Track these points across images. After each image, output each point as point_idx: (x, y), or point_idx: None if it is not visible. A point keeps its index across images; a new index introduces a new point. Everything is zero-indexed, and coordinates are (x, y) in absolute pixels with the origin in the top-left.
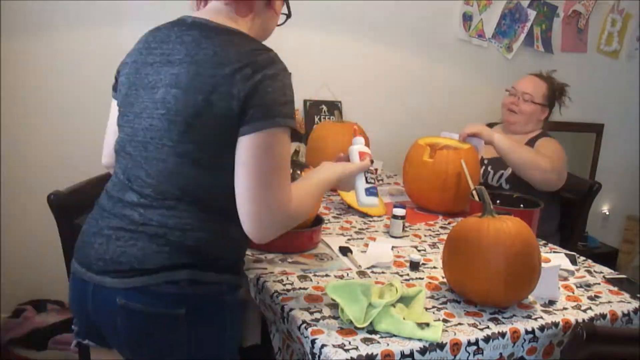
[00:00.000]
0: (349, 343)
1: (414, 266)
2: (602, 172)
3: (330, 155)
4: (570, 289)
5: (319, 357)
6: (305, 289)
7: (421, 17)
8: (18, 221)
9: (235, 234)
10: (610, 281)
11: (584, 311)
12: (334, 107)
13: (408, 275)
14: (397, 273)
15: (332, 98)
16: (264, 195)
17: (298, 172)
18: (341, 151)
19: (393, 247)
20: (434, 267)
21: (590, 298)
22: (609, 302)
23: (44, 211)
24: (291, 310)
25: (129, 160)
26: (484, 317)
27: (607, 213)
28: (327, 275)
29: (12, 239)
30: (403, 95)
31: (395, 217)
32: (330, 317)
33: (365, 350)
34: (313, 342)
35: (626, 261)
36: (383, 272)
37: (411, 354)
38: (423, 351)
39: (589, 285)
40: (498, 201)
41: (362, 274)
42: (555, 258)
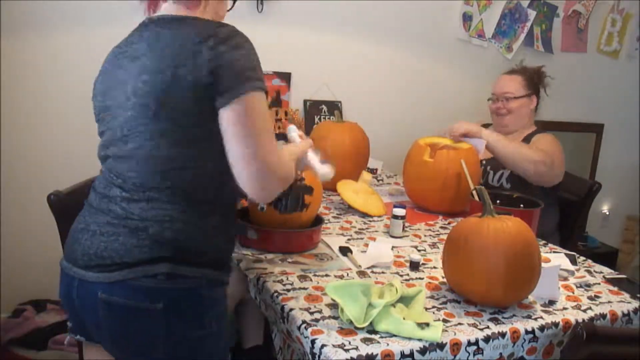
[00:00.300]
0: (349, 343)
1: (414, 266)
2: (602, 172)
3: (330, 155)
4: (570, 289)
5: (319, 357)
6: (305, 289)
7: (421, 17)
8: (18, 221)
9: (215, 225)
10: (610, 281)
11: (584, 311)
12: (334, 107)
13: (408, 275)
14: (397, 273)
15: (332, 98)
16: (259, 154)
17: (298, 172)
18: (342, 151)
19: (393, 247)
20: (434, 267)
21: (590, 298)
22: (609, 302)
23: (44, 211)
24: (291, 310)
25: (112, 159)
26: (484, 317)
27: (607, 213)
28: (327, 275)
29: (12, 239)
30: (403, 95)
31: (395, 217)
32: (330, 317)
33: (365, 350)
34: (313, 342)
35: (626, 261)
36: (383, 272)
37: (411, 354)
38: (423, 351)
39: (589, 285)
40: (498, 201)
41: (362, 274)
42: (555, 258)
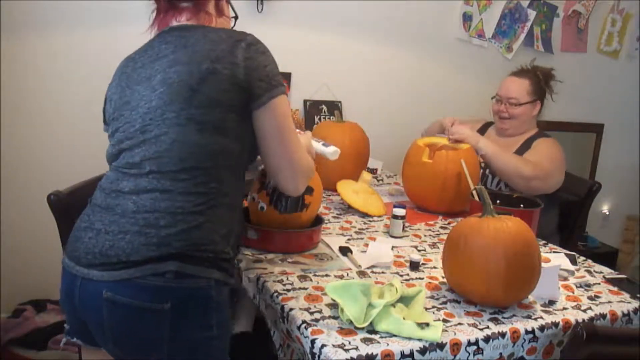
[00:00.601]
0: (349, 343)
1: (414, 266)
2: (602, 172)
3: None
4: (570, 289)
5: (319, 357)
6: (305, 289)
7: (421, 17)
8: (18, 221)
9: (224, 219)
10: (610, 281)
11: (584, 311)
12: (334, 107)
13: (408, 275)
14: (397, 273)
15: (332, 98)
16: (292, 151)
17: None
18: (342, 151)
19: (393, 247)
20: (434, 267)
21: (590, 298)
22: (609, 302)
23: (44, 211)
24: (291, 310)
25: (127, 152)
26: (484, 317)
27: (607, 213)
28: (327, 275)
29: (12, 239)
30: (403, 95)
31: (395, 217)
32: (330, 317)
33: (365, 350)
34: (313, 342)
35: (626, 261)
36: (383, 272)
37: (411, 354)
38: (423, 351)
39: (589, 285)
40: (498, 201)
41: (362, 274)
42: (555, 258)
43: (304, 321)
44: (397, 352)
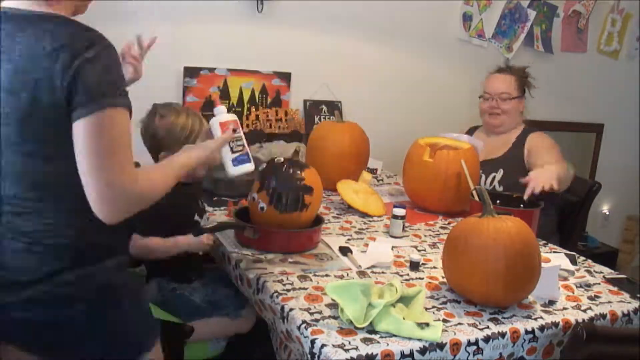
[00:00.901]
0: (349, 343)
1: (414, 266)
2: (602, 172)
3: (330, 155)
4: (570, 289)
5: (319, 357)
6: (305, 289)
7: (421, 17)
8: None
9: (98, 222)
10: (610, 281)
11: (584, 311)
12: (334, 107)
13: (408, 275)
14: (397, 273)
15: (332, 98)
16: (104, 176)
17: (298, 172)
18: (342, 151)
19: (393, 247)
20: (434, 267)
21: (590, 298)
22: (609, 302)
23: None
24: (291, 310)
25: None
26: (484, 317)
27: (607, 213)
28: (327, 275)
29: None
30: (403, 95)
31: (395, 217)
32: (330, 317)
33: (365, 350)
34: (313, 342)
35: (626, 261)
36: (383, 272)
37: (411, 354)
38: (423, 351)
39: (589, 285)
40: (498, 201)
41: (362, 274)
42: (555, 258)
43: (304, 321)
44: (397, 352)
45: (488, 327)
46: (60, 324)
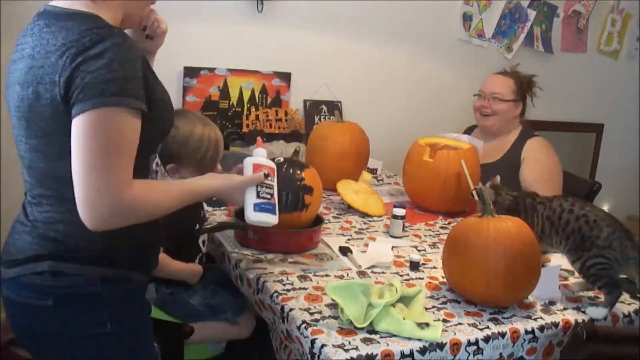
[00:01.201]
0: (349, 343)
1: (414, 266)
2: (602, 172)
3: (330, 155)
4: (570, 289)
5: (319, 357)
6: (305, 289)
7: (421, 17)
8: None
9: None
10: None
11: (584, 311)
12: (334, 107)
13: (408, 275)
14: (397, 273)
15: (332, 98)
16: (92, 178)
17: (298, 172)
18: (342, 151)
19: (393, 247)
20: (434, 267)
21: (590, 298)
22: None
23: None
24: (291, 310)
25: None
26: (484, 317)
27: None
28: (327, 275)
29: None
30: (403, 95)
31: (395, 217)
32: (330, 317)
33: (365, 350)
34: (313, 342)
35: None
36: (383, 272)
37: (411, 354)
38: (423, 351)
39: None
40: None
41: (362, 274)
42: (555, 258)
43: (304, 321)
44: (397, 352)
45: (488, 327)
46: (32, 311)
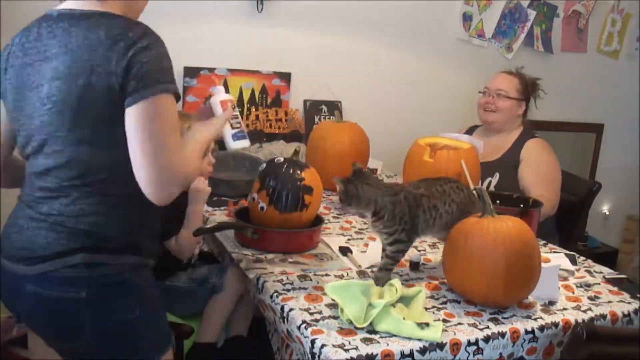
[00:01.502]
0: (349, 343)
1: (414, 266)
2: (602, 172)
3: (330, 155)
4: (570, 289)
5: (319, 357)
6: (305, 289)
7: (421, 17)
8: None
9: (129, 216)
10: (610, 281)
11: (584, 311)
12: (334, 107)
13: (408, 275)
14: (397, 273)
15: (332, 98)
16: (161, 158)
17: (298, 172)
18: (342, 151)
19: None
20: (434, 267)
21: (590, 298)
22: (609, 302)
23: None
24: (291, 310)
25: (32, 158)
26: (484, 317)
27: (607, 213)
28: (327, 275)
29: None
30: (403, 95)
31: None
32: (330, 317)
33: (365, 350)
34: (313, 342)
35: (626, 261)
36: None
37: (411, 354)
38: (423, 351)
39: (589, 285)
40: (498, 201)
41: (362, 274)
42: (555, 258)
43: (304, 321)
44: (397, 352)
45: (488, 327)
46: (64, 304)
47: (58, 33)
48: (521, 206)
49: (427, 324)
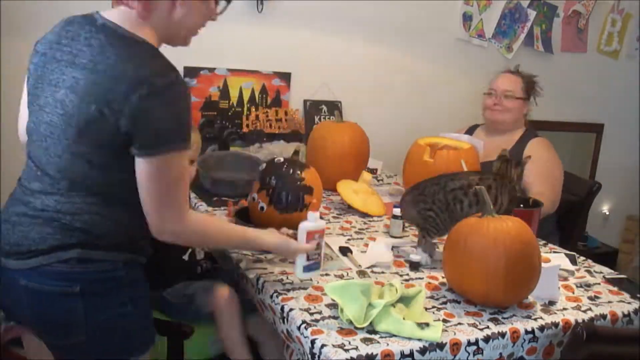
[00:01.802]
0: (349, 343)
1: (414, 266)
2: (602, 172)
3: (330, 155)
4: (570, 289)
5: (319, 357)
6: (305, 289)
7: (421, 17)
8: None
9: (125, 216)
10: (610, 281)
11: (584, 311)
12: (334, 107)
13: (408, 275)
14: (397, 273)
15: (332, 98)
16: (158, 210)
17: (298, 172)
18: (342, 151)
19: (393, 247)
20: (434, 267)
21: (590, 298)
22: (609, 302)
23: None
24: (291, 310)
25: (35, 148)
26: (484, 317)
27: (607, 213)
28: (327, 275)
29: None
30: (403, 95)
31: (395, 217)
32: (330, 317)
33: (365, 350)
34: (313, 342)
35: (626, 261)
36: (383, 272)
37: (411, 354)
38: (423, 351)
39: (589, 285)
40: None
41: (362, 274)
42: (555, 258)
43: (304, 321)
44: (397, 352)
45: (488, 327)
46: (57, 299)
47: (94, 44)
48: (521, 206)
49: (427, 324)
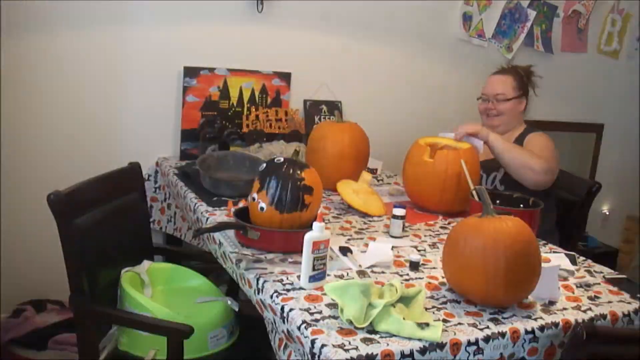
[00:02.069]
0: (349, 343)
1: (414, 266)
2: (602, 172)
3: (330, 155)
4: (570, 289)
5: (319, 357)
6: (305, 289)
7: (421, 17)
8: (18, 221)
9: None
10: (610, 281)
11: (584, 311)
12: (334, 107)
13: (408, 275)
14: (397, 273)
15: (332, 98)
16: None
17: (298, 172)
18: (342, 151)
19: (393, 247)
20: (434, 267)
21: (590, 298)
22: (609, 302)
23: (44, 211)
24: (291, 310)
25: None
26: (484, 317)
27: (607, 213)
28: (327, 275)
29: (12, 239)
30: (403, 95)
31: (395, 217)
32: (330, 317)
33: (365, 350)
34: (313, 342)
35: (626, 261)
36: (383, 272)
37: (411, 354)
38: (423, 351)
39: (589, 285)
40: (498, 201)
41: (362, 274)
42: (555, 258)
43: (304, 321)
44: (397, 352)
45: (488, 327)
46: None
47: None
48: (521, 206)
49: (427, 324)
